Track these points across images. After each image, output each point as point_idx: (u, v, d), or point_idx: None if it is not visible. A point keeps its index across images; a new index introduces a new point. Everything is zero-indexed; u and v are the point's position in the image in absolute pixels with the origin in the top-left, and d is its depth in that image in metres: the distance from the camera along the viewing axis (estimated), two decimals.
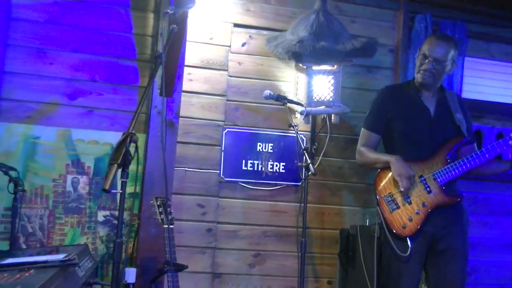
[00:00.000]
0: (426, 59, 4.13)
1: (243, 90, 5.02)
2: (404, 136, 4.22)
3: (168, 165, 4.47)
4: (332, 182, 5.18)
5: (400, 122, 4.24)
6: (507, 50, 5.64)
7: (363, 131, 4.39)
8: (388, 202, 4.12)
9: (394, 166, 4.08)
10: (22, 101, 4.55)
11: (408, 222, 4.04)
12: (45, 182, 4.57)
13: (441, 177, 4.07)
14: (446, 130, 4.19)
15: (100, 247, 4.66)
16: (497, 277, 5.48)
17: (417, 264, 4.08)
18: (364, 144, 4.35)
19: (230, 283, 4.94)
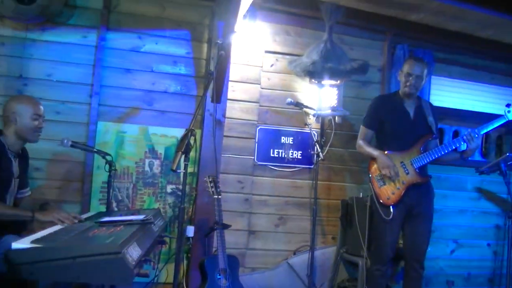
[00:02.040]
0: (410, 76, 4.14)
1: (271, 98, 5.03)
2: (391, 132, 4.24)
3: (217, 152, 4.56)
4: (336, 166, 5.20)
5: (389, 122, 4.25)
6: (462, 71, 5.62)
7: (362, 127, 4.40)
8: (377, 180, 4.18)
9: (378, 160, 4.16)
10: (114, 106, 4.63)
11: (391, 195, 4.11)
12: (130, 164, 4.65)
13: (416, 163, 4.12)
14: (421, 129, 4.22)
15: (168, 211, 4.72)
16: (453, 234, 5.52)
17: (397, 225, 4.15)
18: (362, 138, 4.36)
19: (261, 238, 5.00)
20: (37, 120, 3.45)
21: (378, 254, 4.26)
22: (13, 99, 3.52)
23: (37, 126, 3.46)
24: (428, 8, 4.78)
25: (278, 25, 5.08)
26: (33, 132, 3.46)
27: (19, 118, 3.39)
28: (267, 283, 4.91)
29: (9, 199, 3.40)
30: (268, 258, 5.01)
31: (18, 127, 3.40)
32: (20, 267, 2.32)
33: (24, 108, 3.41)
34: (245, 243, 4.95)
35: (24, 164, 3.63)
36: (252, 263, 4.96)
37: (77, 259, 2.31)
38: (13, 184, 3.41)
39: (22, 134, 3.42)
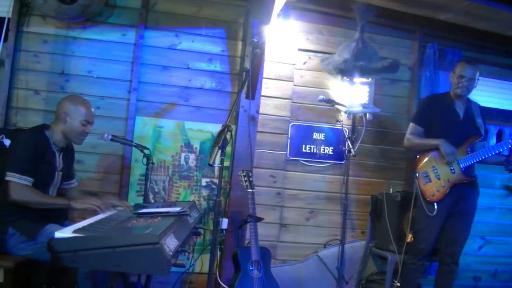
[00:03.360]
0: (462, 79, 4.07)
1: (303, 95, 4.98)
2: (439, 131, 4.15)
3: (251, 147, 4.51)
4: (366, 162, 5.12)
5: (438, 121, 4.18)
6: (491, 70, 5.45)
7: (411, 124, 4.31)
8: (423, 177, 4.11)
9: (442, 146, 4.05)
10: (152, 102, 4.64)
11: (436, 192, 4.05)
12: (166, 157, 4.65)
13: (462, 163, 4.05)
14: (469, 130, 4.14)
15: (203, 203, 4.72)
16: (481, 230, 5.38)
17: (439, 222, 4.08)
18: (411, 133, 4.28)
19: (292, 231, 4.96)
20: (85, 126, 3.42)
21: (417, 249, 4.18)
22: (68, 99, 3.47)
23: (84, 131, 3.43)
24: (456, 8, 4.68)
25: (311, 24, 5.02)
26: (79, 136, 3.43)
27: (69, 119, 3.37)
28: (298, 275, 4.86)
29: (52, 190, 3.40)
30: (299, 250, 4.96)
31: (66, 127, 3.38)
32: (62, 255, 2.32)
33: (76, 111, 3.38)
34: (277, 236, 4.91)
35: (69, 157, 3.62)
36: (283, 255, 4.93)
37: (117, 248, 2.30)
38: (56, 176, 3.41)
39: (68, 135, 3.40)
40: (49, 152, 3.32)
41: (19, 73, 4.45)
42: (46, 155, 3.28)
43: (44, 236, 3.01)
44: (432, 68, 5.12)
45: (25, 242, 3.10)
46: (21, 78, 4.45)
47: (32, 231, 3.10)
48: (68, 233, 2.42)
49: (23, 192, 3.07)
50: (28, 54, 4.47)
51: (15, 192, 3.06)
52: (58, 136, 3.39)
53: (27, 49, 4.47)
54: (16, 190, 3.06)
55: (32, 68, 4.47)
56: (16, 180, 3.07)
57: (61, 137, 3.40)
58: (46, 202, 3.21)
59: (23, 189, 3.08)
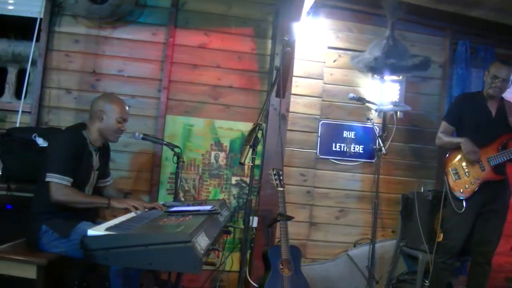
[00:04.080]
0: (496, 79, 3.99)
1: (333, 93, 4.92)
2: (471, 130, 4.08)
3: (281, 146, 4.47)
4: (396, 160, 5.03)
5: (470, 120, 4.11)
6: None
7: (442, 123, 4.25)
8: (453, 173, 4.07)
9: (463, 145, 4.00)
10: (182, 100, 4.63)
11: (465, 189, 3.99)
12: (196, 156, 4.64)
13: (493, 161, 3.97)
14: (501, 128, 4.05)
15: (233, 202, 4.70)
16: None
17: (469, 220, 4.01)
18: (442, 132, 4.22)
19: (322, 230, 4.91)
20: (121, 123, 3.40)
21: (446, 247, 4.11)
22: (103, 97, 3.46)
23: (119, 129, 3.40)
24: (488, 4, 4.60)
25: (340, 21, 4.95)
26: (114, 134, 3.41)
27: (105, 117, 3.34)
28: (327, 273, 4.81)
29: (88, 190, 3.39)
30: (328, 249, 4.91)
31: (102, 125, 3.36)
32: (95, 253, 2.32)
33: (112, 109, 3.36)
34: (307, 234, 4.86)
35: (105, 156, 3.62)
36: (313, 254, 4.88)
37: (149, 246, 2.29)
38: (92, 176, 3.40)
39: (104, 133, 3.38)
40: (86, 151, 3.31)
41: (51, 73, 4.47)
42: (84, 155, 3.28)
43: (77, 234, 3.00)
44: (463, 66, 5.03)
45: (58, 240, 3.10)
46: (53, 78, 4.48)
47: (65, 229, 3.10)
48: (101, 231, 2.42)
49: (65, 192, 3.07)
50: (59, 53, 4.49)
51: (56, 193, 3.06)
52: (94, 135, 3.38)
53: (59, 48, 4.49)
54: (58, 190, 3.06)
55: (64, 67, 4.49)
56: (57, 181, 3.06)
57: (97, 135, 3.38)
58: (87, 201, 3.21)
59: (64, 189, 3.08)
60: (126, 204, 3.21)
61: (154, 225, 2.68)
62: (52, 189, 3.05)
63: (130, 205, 3.20)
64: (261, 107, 4.62)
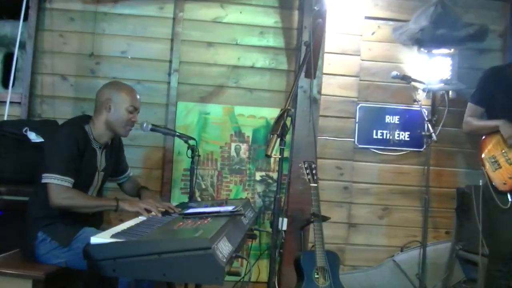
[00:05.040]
0: None
1: (373, 71, 4.89)
2: (504, 109, 4.04)
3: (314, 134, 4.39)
4: (449, 148, 5.00)
5: (502, 98, 4.06)
6: None
7: (469, 105, 4.23)
8: (491, 163, 4.01)
9: (503, 128, 3.96)
10: (196, 84, 4.66)
11: (508, 180, 3.92)
12: (214, 148, 4.67)
13: None
14: None
15: (258, 201, 4.72)
16: None
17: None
18: (470, 115, 4.20)
19: (362, 231, 4.92)
20: (132, 113, 3.41)
21: (497, 252, 4.05)
22: (111, 85, 3.47)
23: (130, 120, 3.41)
24: None
25: None
26: (125, 126, 3.41)
27: (113, 106, 3.34)
28: (370, 283, 4.82)
29: (91, 193, 3.41)
30: (371, 254, 4.92)
31: (110, 116, 3.35)
32: (101, 263, 2.31)
33: (121, 97, 3.37)
34: (345, 237, 4.87)
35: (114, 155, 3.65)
36: (352, 260, 4.90)
37: (162, 255, 2.28)
38: (96, 178, 3.41)
39: (112, 126, 3.38)
40: (89, 149, 3.31)
41: (43, 56, 4.53)
42: (86, 153, 3.27)
43: (80, 242, 3.02)
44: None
45: (58, 249, 3.12)
46: (46, 62, 4.53)
47: (65, 236, 3.12)
48: (107, 238, 2.42)
49: (66, 195, 3.07)
50: (52, 34, 4.55)
51: (57, 197, 3.05)
52: (100, 130, 3.37)
53: (52, 28, 4.55)
54: (58, 193, 3.05)
55: (58, 50, 4.55)
56: (57, 182, 3.05)
57: (103, 129, 3.38)
58: (93, 205, 3.22)
59: (66, 192, 3.07)
60: (138, 208, 3.18)
61: (168, 230, 2.68)
62: (52, 192, 3.05)
63: (142, 208, 3.17)
64: (289, 89, 4.64)
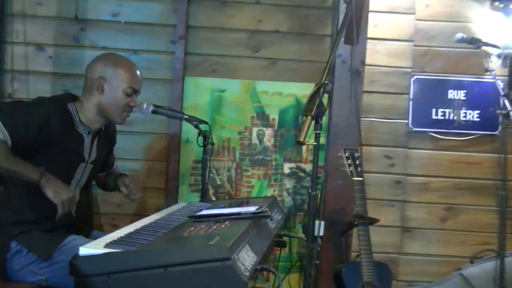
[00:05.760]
0: None
1: (431, 34, 4.83)
2: None
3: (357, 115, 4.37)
4: None
5: None
6: None
7: None
8: None
9: None
10: (207, 55, 4.65)
11: None
12: (231, 134, 4.67)
13: None
14: None
15: (287, 199, 4.72)
16: None
17: None
18: None
19: (420, 238, 4.87)
20: (130, 96, 3.36)
21: None
22: (105, 59, 3.43)
23: (128, 104, 3.37)
24: None
25: None
26: (121, 112, 3.37)
27: (108, 87, 3.30)
28: None
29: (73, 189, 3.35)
30: (431, 266, 4.88)
31: (104, 99, 3.31)
32: (92, 279, 2.30)
33: (118, 76, 3.32)
34: (397, 245, 4.85)
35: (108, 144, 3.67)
36: (408, 274, 4.87)
37: (170, 268, 2.28)
38: (81, 171, 3.36)
39: (105, 111, 3.34)
40: (72, 133, 3.27)
41: (13, 21, 4.54)
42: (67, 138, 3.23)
43: (64, 253, 3.02)
44: None
45: (36, 263, 3.12)
46: (17, 29, 4.55)
47: (46, 247, 3.12)
48: (99, 248, 2.41)
49: None
50: None
51: None
52: (89, 114, 3.33)
53: None
54: None
55: (32, 13, 4.56)
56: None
57: (93, 114, 3.34)
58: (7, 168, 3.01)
59: None
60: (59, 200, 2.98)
61: (176, 237, 2.69)
62: None
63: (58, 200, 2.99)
64: (324, 59, 4.54)
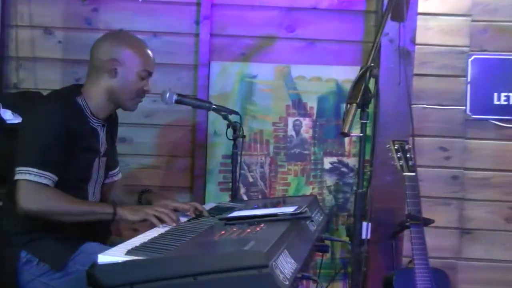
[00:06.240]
0: None
1: (492, 7, 4.78)
2: None
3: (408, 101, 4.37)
4: None
5: None
6: None
7: None
8: None
9: None
10: (236, 36, 4.68)
11: None
12: (264, 126, 4.69)
13: None
14: None
15: (328, 198, 4.73)
16: None
17: None
18: None
19: (483, 240, 4.84)
20: (144, 79, 3.38)
21: None
22: (115, 38, 3.45)
23: (142, 89, 3.38)
24: None
25: None
26: (135, 97, 3.39)
27: (121, 70, 3.30)
28: None
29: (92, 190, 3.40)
30: (495, 274, 4.85)
31: (116, 83, 3.31)
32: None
33: (131, 57, 3.32)
34: (456, 249, 4.83)
35: (112, 133, 3.65)
36: (468, 282, 4.85)
37: (199, 277, 2.27)
38: (96, 167, 3.39)
39: (117, 96, 3.35)
40: (87, 130, 3.29)
41: (17, 2, 4.58)
42: (83, 136, 3.25)
43: (80, 263, 3.03)
44: None
45: (48, 274, 3.13)
46: (22, 10, 4.59)
47: (59, 256, 3.12)
48: (119, 255, 2.41)
49: (40, 196, 3.03)
50: None
51: (27, 197, 3.00)
52: (99, 101, 3.34)
53: None
54: (29, 193, 3.00)
55: None
56: (31, 178, 3.00)
57: (104, 101, 3.35)
58: (80, 211, 3.13)
59: (40, 192, 3.03)
60: (144, 214, 3.10)
61: (206, 243, 2.69)
62: (21, 192, 2.99)
63: (150, 214, 3.09)
64: (369, 39, 4.62)
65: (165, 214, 3.09)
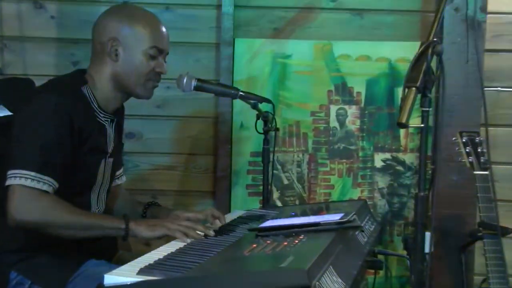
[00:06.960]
0: None
1: None
2: None
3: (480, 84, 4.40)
4: None
5: None
6: None
7: None
8: None
9: None
10: (265, 7, 4.69)
11: None
12: (301, 116, 4.70)
13: None
14: None
15: (380, 203, 4.75)
16: None
17: None
18: None
19: None
20: (155, 58, 3.34)
21: None
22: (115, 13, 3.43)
23: (153, 70, 3.34)
24: None
25: None
26: (145, 81, 3.34)
27: (123, 51, 3.28)
28: None
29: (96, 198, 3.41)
30: None
31: (119, 67, 3.29)
32: None
33: (135, 33, 3.30)
34: None
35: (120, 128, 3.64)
36: None
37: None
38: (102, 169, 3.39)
39: (124, 82, 3.33)
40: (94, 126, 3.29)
41: None
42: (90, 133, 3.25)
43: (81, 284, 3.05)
44: None
45: None
46: None
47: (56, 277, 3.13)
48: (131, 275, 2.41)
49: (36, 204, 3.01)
50: None
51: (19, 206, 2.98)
52: (104, 89, 3.33)
53: None
54: (23, 201, 2.98)
55: None
56: (27, 183, 2.98)
57: (110, 89, 3.34)
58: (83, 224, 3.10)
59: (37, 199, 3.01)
60: (166, 229, 3.08)
61: (234, 258, 2.69)
62: (14, 199, 2.97)
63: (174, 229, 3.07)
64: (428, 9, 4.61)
65: (191, 229, 3.08)
